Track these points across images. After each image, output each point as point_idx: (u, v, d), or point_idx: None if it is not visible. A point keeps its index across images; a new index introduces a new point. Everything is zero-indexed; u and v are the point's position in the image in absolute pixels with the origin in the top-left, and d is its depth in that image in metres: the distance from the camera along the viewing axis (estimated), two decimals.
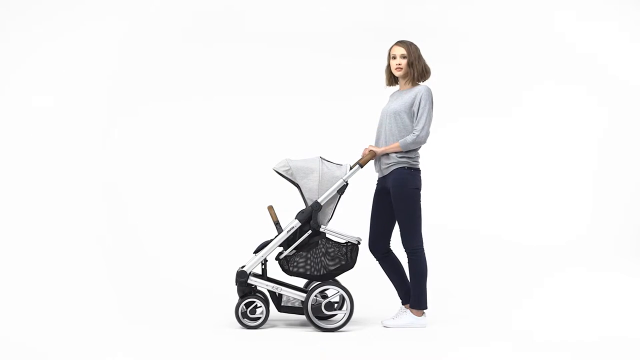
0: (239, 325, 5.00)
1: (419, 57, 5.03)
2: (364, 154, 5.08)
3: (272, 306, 5.21)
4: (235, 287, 5.08)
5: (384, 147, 5.00)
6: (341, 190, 5.03)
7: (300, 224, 5.01)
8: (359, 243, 5.05)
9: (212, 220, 7.26)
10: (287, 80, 7.76)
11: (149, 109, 7.58)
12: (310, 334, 4.91)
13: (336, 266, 5.01)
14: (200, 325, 5.11)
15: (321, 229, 5.01)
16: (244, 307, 5.01)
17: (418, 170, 5.04)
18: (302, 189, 5.01)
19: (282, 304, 5.12)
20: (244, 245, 5.57)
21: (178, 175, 7.49)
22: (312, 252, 5.01)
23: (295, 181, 5.01)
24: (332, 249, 5.01)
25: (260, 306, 5.04)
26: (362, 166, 5.06)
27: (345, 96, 7.74)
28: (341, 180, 5.02)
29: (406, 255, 5.06)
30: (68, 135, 7.34)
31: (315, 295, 4.96)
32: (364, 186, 5.69)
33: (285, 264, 5.03)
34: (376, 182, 5.18)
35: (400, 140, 4.95)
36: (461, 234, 7.48)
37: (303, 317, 5.16)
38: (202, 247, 7.02)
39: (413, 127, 4.97)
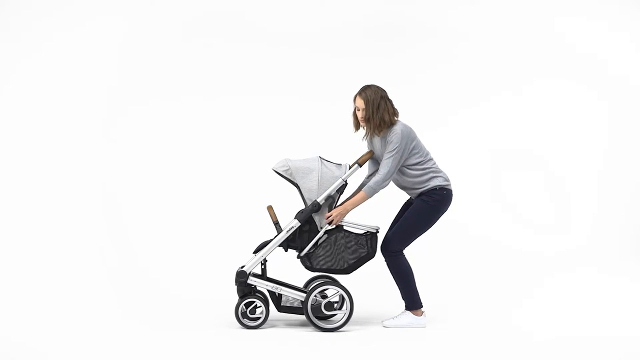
0: (239, 325, 5.00)
1: (378, 107, 4.95)
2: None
3: (272, 306, 5.21)
4: (235, 287, 5.09)
5: (350, 204, 4.96)
6: (340, 190, 5.03)
7: (299, 223, 5.01)
8: (377, 232, 5.04)
9: (212, 220, 7.25)
10: (286, 80, 7.75)
11: (149, 109, 7.57)
12: (310, 334, 4.91)
13: (357, 258, 4.99)
14: (200, 325, 5.11)
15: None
16: (244, 307, 5.01)
17: (449, 192, 5.05)
18: (301, 189, 5.01)
19: (281, 304, 5.12)
20: (244, 245, 5.57)
21: (178, 175, 7.48)
22: (332, 246, 5.00)
23: (295, 181, 5.01)
24: (352, 241, 5.00)
25: (260, 306, 5.04)
26: (360, 165, 5.07)
27: (344, 96, 7.71)
28: (340, 180, 5.02)
29: (384, 257, 5.06)
30: (68, 135, 7.33)
31: (315, 295, 4.97)
32: None
33: (306, 261, 5.02)
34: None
35: (364, 189, 4.96)
36: (461, 235, 7.47)
37: (303, 317, 5.16)
38: (201, 247, 7.01)
39: (379, 169, 4.98)
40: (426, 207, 5.00)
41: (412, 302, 5.07)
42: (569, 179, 7.97)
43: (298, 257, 5.07)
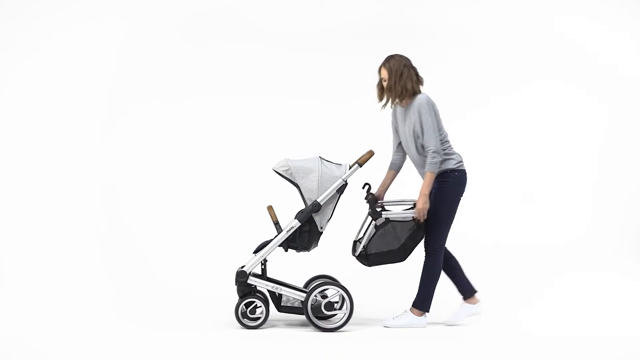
0: (239, 325, 5.00)
1: (401, 75, 4.95)
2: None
3: (272, 306, 5.20)
4: (235, 287, 5.08)
5: (425, 187, 4.93)
6: (340, 190, 5.03)
7: (300, 224, 5.01)
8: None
9: (212, 220, 7.25)
10: (286, 81, 7.75)
11: (149, 109, 7.57)
12: (310, 334, 4.91)
13: (407, 239, 4.97)
14: (200, 325, 5.11)
15: (383, 215, 4.98)
16: (244, 307, 5.01)
17: (463, 172, 5.06)
18: (301, 189, 5.01)
19: (282, 304, 5.12)
20: (244, 245, 5.56)
21: (178, 175, 7.48)
22: (383, 238, 4.98)
23: (295, 181, 5.01)
24: (400, 228, 4.98)
25: (260, 306, 5.04)
26: (361, 165, 5.07)
27: (344, 96, 7.73)
28: (340, 180, 5.02)
29: (425, 254, 5.07)
30: (68, 135, 7.33)
31: (315, 295, 4.96)
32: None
33: (363, 259, 5.01)
34: None
35: (427, 169, 4.93)
36: (459, 235, 7.45)
37: (303, 317, 5.15)
38: (201, 247, 7.01)
39: (425, 145, 4.97)
40: (444, 195, 4.99)
41: (423, 303, 5.06)
42: (569, 178, 7.97)
43: (354, 255, 5.07)
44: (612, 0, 8.09)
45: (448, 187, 5.01)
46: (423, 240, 5.06)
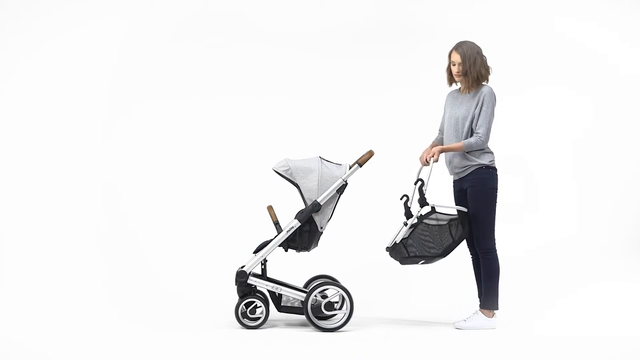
0: (239, 325, 5.00)
1: (475, 61, 5.01)
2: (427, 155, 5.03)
3: (272, 306, 5.21)
4: (235, 287, 5.09)
5: (446, 147, 4.99)
6: (340, 190, 5.03)
7: (300, 223, 5.01)
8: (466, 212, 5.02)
9: (212, 220, 7.25)
10: (287, 80, 7.74)
11: (149, 109, 7.56)
12: (310, 334, 4.91)
13: (451, 240, 4.96)
14: (200, 325, 5.11)
15: (430, 206, 4.95)
16: (244, 307, 5.01)
17: (495, 169, 5.08)
18: (301, 189, 5.01)
19: (282, 304, 5.12)
20: (244, 245, 5.57)
21: (178, 175, 7.48)
22: (425, 238, 4.96)
23: (295, 181, 5.02)
24: (443, 223, 4.97)
25: (260, 306, 5.04)
26: (361, 165, 5.07)
27: (344, 96, 7.73)
28: (340, 180, 5.03)
29: (479, 256, 5.06)
30: (68, 135, 7.33)
31: (315, 295, 4.96)
32: (363, 186, 5.68)
33: (403, 249, 4.94)
34: (452, 185, 5.18)
35: (463, 141, 4.96)
36: None
37: (303, 317, 5.16)
38: (201, 247, 7.01)
39: (475, 129, 4.99)
40: (481, 192, 5.00)
41: (491, 302, 5.06)
42: (560, 177, 7.96)
43: (390, 248, 5.00)
44: (612, 0, 8.09)
45: (483, 183, 5.00)
46: (473, 244, 5.06)
